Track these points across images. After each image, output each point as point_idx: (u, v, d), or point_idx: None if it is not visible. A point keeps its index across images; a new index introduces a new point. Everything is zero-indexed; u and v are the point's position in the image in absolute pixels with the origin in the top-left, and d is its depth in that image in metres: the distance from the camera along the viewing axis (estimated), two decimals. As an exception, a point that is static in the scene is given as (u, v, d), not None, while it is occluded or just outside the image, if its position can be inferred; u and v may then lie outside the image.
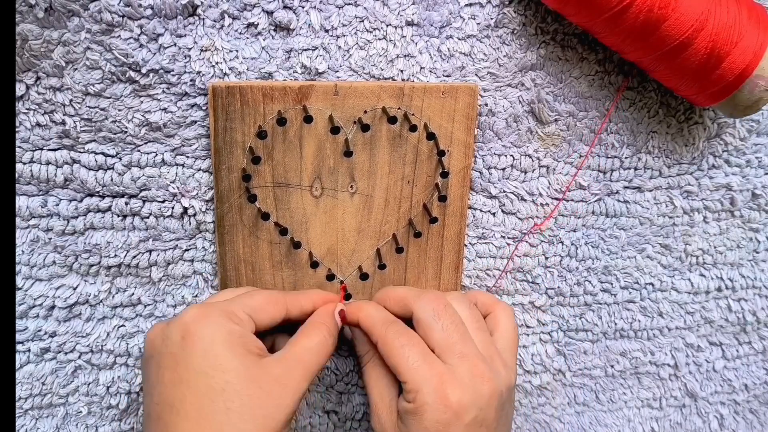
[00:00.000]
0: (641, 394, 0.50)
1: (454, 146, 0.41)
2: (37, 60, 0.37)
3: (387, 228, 0.42)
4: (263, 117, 0.38)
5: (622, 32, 0.36)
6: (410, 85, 0.39)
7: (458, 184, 0.42)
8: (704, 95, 0.38)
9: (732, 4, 0.35)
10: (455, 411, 0.34)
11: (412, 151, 0.40)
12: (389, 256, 0.43)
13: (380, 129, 0.39)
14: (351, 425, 0.47)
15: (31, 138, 0.38)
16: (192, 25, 0.37)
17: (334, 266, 0.43)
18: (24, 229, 0.40)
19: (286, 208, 0.41)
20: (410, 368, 0.35)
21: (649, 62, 0.37)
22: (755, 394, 0.51)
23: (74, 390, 0.44)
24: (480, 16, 0.39)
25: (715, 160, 0.45)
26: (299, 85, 0.38)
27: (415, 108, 0.39)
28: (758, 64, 0.35)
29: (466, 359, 0.36)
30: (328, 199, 0.41)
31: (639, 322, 0.48)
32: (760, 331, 0.49)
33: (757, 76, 0.36)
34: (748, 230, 0.47)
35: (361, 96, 0.39)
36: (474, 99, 0.40)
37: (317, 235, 0.42)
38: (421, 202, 0.42)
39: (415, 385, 0.35)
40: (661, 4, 0.34)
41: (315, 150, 0.39)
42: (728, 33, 0.35)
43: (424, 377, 0.35)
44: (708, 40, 0.35)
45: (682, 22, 0.34)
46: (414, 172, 0.41)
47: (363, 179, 0.41)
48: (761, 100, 0.37)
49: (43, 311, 0.42)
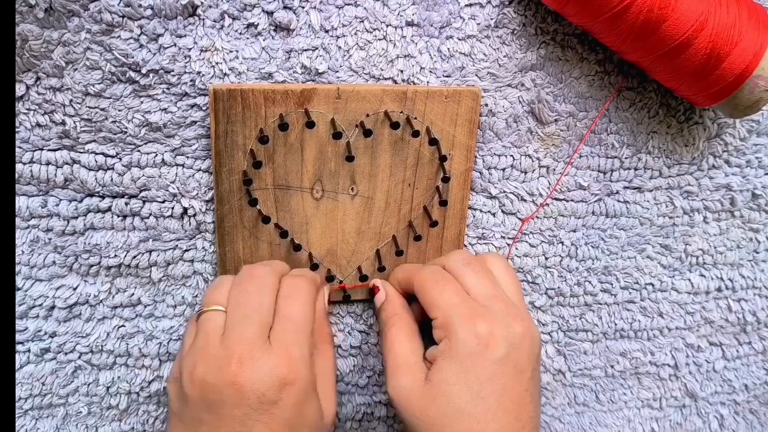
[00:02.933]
0: (641, 395, 0.50)
1: (455, 150, 0.41)
2: (37, 60, 0.37)
3: (387, 230, 0.42)
4: (264, 120, 0.38)
5: (622, 32, 0.36)
6: (413, 89, 0.39)
7: (459, 186, 0.42)
8: (704, 95, 0.38)
9: (732, 5, 0.35)
10: (485, 343, 0.33)
11: (413, 154, 0.40)
12: (389, 257, 0.43)
13: (382, 133, 0.39)
14: (351, 425, 0.47)
15: (31, 138, 0.38)
16: (192, 25, 0.37)
17: (334, 267, 0.43)
18: (24, 229, 0.40)
19: (287, 210, 0.41)
20: (443, 302, 0.35)
21: (649, 62, 0.37)
22: (755, 394, 0.51)
23: (74, 390, 0.44)
24: (480, 16, 0.39)
25: (715, 161, 0.45)
26: (301, 88, 0.38)
27: (417, 112, 0.39)
28: (758, 64, 0.35)
29: (498, 300, 0.36)
30: (329, 201, 0.41)
31: (639, 323, 0.48)
32: (760, 331, 0.49)
33: (757, 76, 0.35)
34: (748, 230, 0.47)
35: (363, 99, 0.38)
36: (477, 103, 0.40)
37: (317, 236, 0.42)
38: (421, 205, 0.42)
39: (446, 319, 0.34)
40: (661, 4, 0.34)
41: (316, 153, 0.39)
42: (728, 33, 0.35)
43: (456, 310, 0.35)
44: (708, 41, 0.35)
45: (682, 22, 0.34)
46: (415, 175, 0.41)
47: (364, 182, 0.41)
48: (761, 100, 0.37)
49: (43, 311, 0.42)
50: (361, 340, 0.46)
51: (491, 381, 0.33)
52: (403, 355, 0.37)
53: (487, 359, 0.33)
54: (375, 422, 0.48)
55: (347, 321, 0.45)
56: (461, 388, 0.33)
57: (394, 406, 0.36)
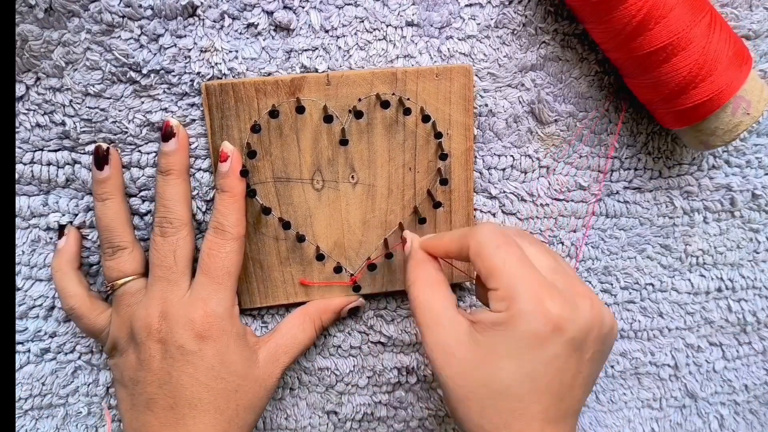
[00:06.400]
0: (641, 395, 0.50)
1: (453, 129, 0.40)
2: (37, 60, 0.37)
3: (393, 217, 0.42)
4: (258, 113, 0.38)
5: (613, 28, 0.35)
6: (402, 70, 0.39)
7: (461, 167, 0.41)
8: (679, 112, 0.37)
9: (724, 28, 0.35)
10: (556, 324, 0.30)
11: (410, 136, 0.40)
12: (397, 246, 0.43)
13: (375, 116, 0.39)
14: (351, 425, 0.47)
15: (31, 138, 0.38)
16: (192, 25, 0.37)
17: (343, 260, 0.42)
18: (24, 229, 0.40)
19: (289, 203, 0.41)
20: (506, 272, 0.31)
21: (631, 66, 0.37)
22: (755, 394, 0.51)
23: (74, 390, 0.44)
24: (480, 16, 0.39)
25: (715, 161, 0.45)
26: (291, 77, 0.38)
27: (409, 92, 0.39)
28: (741, 86, 0.35)
29: (563, 275, 0.33)
30: (330, 191, 0.41)
31: (639, 323, 0.48)
32: (761, 331, 0.49)
33: (740, 97, 0.35)
34: (748, 231, 0.47)
35: (353, 84, 0.38)
36: (469, 79, 0.39)
37: (323, 228, 0.41)
38: (424, 189, 0.41)
39: (510, 292, 0.31)
40: (654, 6, 0.34)
41: (311, 141, 0.39)
42: (715, 51, 0.35)
43: (523, 283, 0.31)
44: (695, 57, 0.35)
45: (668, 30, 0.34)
46: (414, 158, 0.41)
47: (363, 169, 0.40)
48: (741, 124, 0.36)
49: (43, 312, 0.42)
50: (361, 340, 0.46)
51: (548, 364, 0.30)
52: (438, 308, 0.34)
53: (552, 342, 0.30)
54: (375, 422, 0.48)
55: (347, 321, 0.45)
56: (513, 365, 0.31)
57: (431, 365, 0.33)
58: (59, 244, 0.40)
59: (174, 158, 0.38)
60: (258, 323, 0.44)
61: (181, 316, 0.37)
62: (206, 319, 0.37)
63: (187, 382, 0.36)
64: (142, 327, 0.37)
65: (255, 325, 0.44)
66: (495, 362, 0.31)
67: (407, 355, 0.46)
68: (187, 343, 0.37)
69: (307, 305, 0.43)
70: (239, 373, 0.38)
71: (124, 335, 0.38)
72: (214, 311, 0.37)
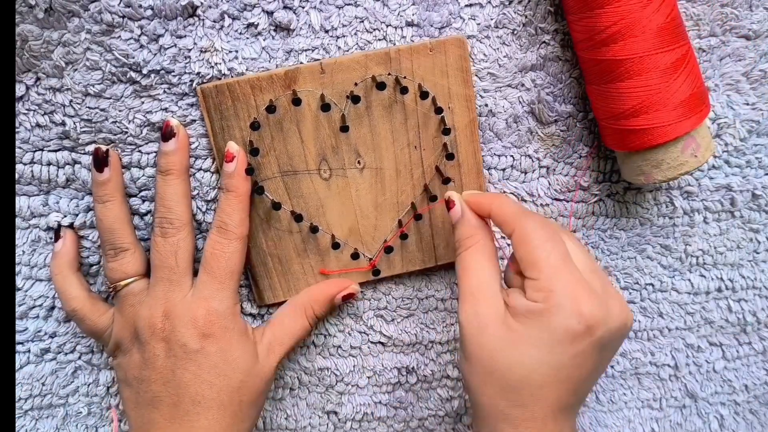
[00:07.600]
0: (641, 395, 0.50)
1: (454, 102, 0.40)
2: (37, 60, 0.37)
3: (404, 198, 0.42)
4: (256, 110, 0.38)
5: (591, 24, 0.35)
6: (395, 48, 0.38)
7: (467, 140, 0.41)
8: (626, 132, 0.37)
9: (691, 68, 0.36)
10: (588, 324, 0.32)
11: (411, 115, 0.40)
12: (412, 225, 0.42)
13: (372, 99, 0.39)
14: (351, 425, 0.47)
15: (31, 139, 0.38)
16: (192, 26, 0.37)
17: (360, 245, 0.42)
18: (24, 229, 0.40)
19: (299, 196, 0.41)
20: (549, 265, 0.32)
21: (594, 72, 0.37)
22: (755, 394, 0.51)
23: (74, 390, 0.44)
24: (480, 16, 0.39)
25: (715, 161, 0.45)
26: (284, 70, 0.38)
27: (405, 70, 0.39)
28: (696, 127, 0.36)
29: (597, 275, 0.34)
30: (339, 179, 0.41)
31: (639, 323, 0.48)
32: (761, 331, 0.49)
33: (691, 137, 0.36)
34: (748, 231, 0.47)
35: (348, 69, 0.38)
36: (464, 50, 0.39)
37: (336, 216, 0.41)
38: (433, 166, 0.41)
39: (549, 284, 0.32)
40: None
41: (313, 132, 0.39)
42: (673, 88, 0.35)
43: (562, 278, 0.32)
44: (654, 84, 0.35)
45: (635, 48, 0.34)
46: (418, 135, 0.40)
47: (368, 153, 0.40)
48: (686, 164, 0.36)
49: (43, 312, 0.42)
50: (361, 340, 0.46)
51: (572, 358, 0.32)
52: (483, 280, 0.35)
53: (582, 341, 0.32)
54: (375, 422, 0.48)
55: (347, 321, 0.45)
56: (540, 355, 0.32)
57: (462, 334, 0.34)
58: (56, 247, 0.40)
59: (174, 158, 0.38)
60: (258, 323, 0.44)
61: (184, 316, 0.37)
62: (209, 317, 0.37)
63: (191, 379, 0.37)
64: (145, 326, 0.37)
65: (256, 324, 0.44)
66: (523, 349, 0.32)
67: (407, 355, 0.46)
68: (190, 342, 0.37)
69: (299, 295, 0.43)
70: (242, 369, 0.38)
71: (127, 335, 0.38)
72: (217, 310, 0.38)
